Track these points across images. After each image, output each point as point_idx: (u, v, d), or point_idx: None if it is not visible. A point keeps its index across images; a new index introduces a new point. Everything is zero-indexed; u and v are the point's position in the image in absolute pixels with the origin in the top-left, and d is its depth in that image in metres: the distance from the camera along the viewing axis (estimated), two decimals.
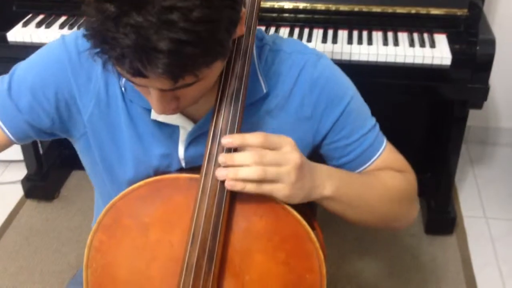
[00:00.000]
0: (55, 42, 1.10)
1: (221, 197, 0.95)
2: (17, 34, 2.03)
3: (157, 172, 1.10)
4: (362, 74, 1.96)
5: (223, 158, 0.93)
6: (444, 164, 2.26)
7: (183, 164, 1.11)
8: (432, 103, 2.38)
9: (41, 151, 2.58)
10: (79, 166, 2.91)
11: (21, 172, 2.62)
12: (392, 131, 2.45)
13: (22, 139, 1.13)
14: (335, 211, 1.07)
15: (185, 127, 1.08)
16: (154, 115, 1.07)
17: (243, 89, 0.96)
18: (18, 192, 2.62)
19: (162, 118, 1.07)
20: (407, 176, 1.17)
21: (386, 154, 1.16)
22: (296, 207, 1.01)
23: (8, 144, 1.13)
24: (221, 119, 0.95)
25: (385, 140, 1.17)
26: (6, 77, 1.11)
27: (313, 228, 1.06)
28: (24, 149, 2.51)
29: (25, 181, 2.58)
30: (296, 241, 0.99)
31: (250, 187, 0.93)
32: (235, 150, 0.95)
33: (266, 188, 0.93)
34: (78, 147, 1.18)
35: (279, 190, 0.94)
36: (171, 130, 1.09)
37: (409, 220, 1.20)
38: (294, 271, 1.00)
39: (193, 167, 1.08)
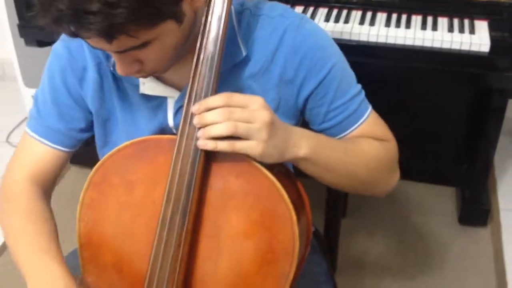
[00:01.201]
0: (50, 57, 1.19)
1: (195, 156, 0.99)
2: None
3: None
4: (397, 57, 1.96)
5: (196, 119, 0.96)
6: (480, 155, 2.22)
7: (175, 132, 1.14)
8: (471, 92, 2.34)
9: None
10: None
11: None
12: (430, 120, 2.44)
13: (77, 145, 1.25)
14: (312, 173, 1.08)
15: (172, 96, 1.13)
16: (142, 89, 1.13)
17: (218, 53, 0.98)
18: None
19: (149, 91, 1.13)
20: (387, 145, 1.17)
21: (369, 122, 1.16)
22: (279, 172, 1.03)
23: (68, 157, 1.26)
24: (197, 82, 0.99)
25: (369, 108, 1.17)
26: (33, 106, 1.23)
27: (299, 195, 1.09)
28: None
29: None
30: (270, 202, 1.01)
31: (222, 146, 0.95)
32: None
33: (239, 146, 0.95)
34: None
35: (252, 148, 0.95)
36: (160, 102, 1.14)
37: (387, 187, 1.20)
38: (267, 231, 1.02)
39: None
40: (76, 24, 0.85)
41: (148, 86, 1.12)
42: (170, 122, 1.15)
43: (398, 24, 1.97)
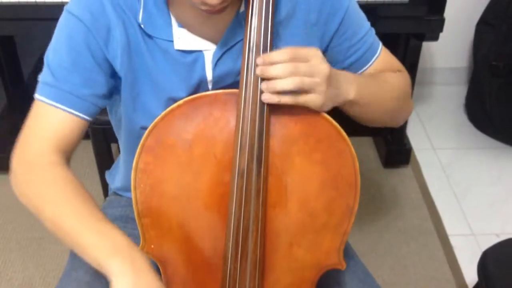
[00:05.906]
0: (64, 19, 1.13)
1: (262, 104, 1.03)
2: None
3: None
4: None
5: (259, 70, 1.01)
6: None
7: (210, 87, 1.17)
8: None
9: None
10: None
11: None
12: None
13: (96, 113, 1.18)
14: (355, 113, 1.16)
15: (209, 49, 1.14)
16: (177, 45, 1.12)
17: (272, 3, 1.03)
18: None
19: (185, 46, 1.13)
20: (403, 74, 1.27)
21: (384, 55, 1.25)
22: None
23: (86, 127, 1.18)
24: (254, 33, 1.02)
25: (380, 43, 1.26)
26: (44, 70, 1.15)
27: None
28: None
29: None
30: (330, 141, 1.08)
31: (285, 99, 1.01)
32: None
33: (301, 100, 1.02)
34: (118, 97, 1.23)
35: (313, 100, 1.02)
36: (195, 57, 1.14)
37: (409, 113, 1.33)
38: (330, 169, 1.09)
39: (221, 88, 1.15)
40: None
41: (184, 41, 1.12)
42: (209, 75, 1.15)
43: None
